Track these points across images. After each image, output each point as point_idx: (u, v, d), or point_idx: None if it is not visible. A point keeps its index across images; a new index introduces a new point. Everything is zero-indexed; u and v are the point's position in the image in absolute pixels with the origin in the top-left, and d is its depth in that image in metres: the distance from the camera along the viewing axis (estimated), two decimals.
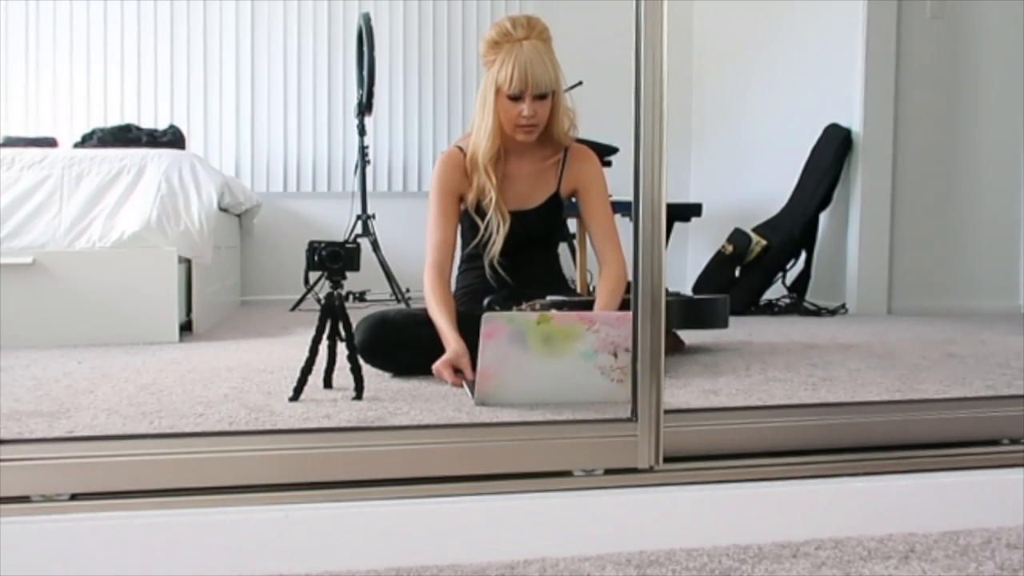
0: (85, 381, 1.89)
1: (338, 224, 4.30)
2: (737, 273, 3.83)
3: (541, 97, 1.99)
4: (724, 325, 2.27)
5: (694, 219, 4.10)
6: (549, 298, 1.95)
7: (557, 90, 2.03)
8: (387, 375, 1.92)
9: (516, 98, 1.98)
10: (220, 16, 4.57)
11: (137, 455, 1.10)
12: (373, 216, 4.13)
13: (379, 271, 3.98)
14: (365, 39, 3.95)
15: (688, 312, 2.27)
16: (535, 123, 2.01)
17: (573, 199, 2.31)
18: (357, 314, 1.87)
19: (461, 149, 2.10)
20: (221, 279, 3.48)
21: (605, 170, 2.31)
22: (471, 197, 2.08)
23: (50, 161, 2.83)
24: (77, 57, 4.44)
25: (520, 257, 2.15)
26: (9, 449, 1.09)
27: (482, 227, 2.07)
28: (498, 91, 1.99)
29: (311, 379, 1.65)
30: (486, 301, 2.00)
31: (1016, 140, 3.83)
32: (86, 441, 1.23)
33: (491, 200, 2.05)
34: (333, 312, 1.69)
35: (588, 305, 1.94)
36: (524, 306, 1.86)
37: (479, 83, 5.37)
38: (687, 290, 4.02)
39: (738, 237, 3.87)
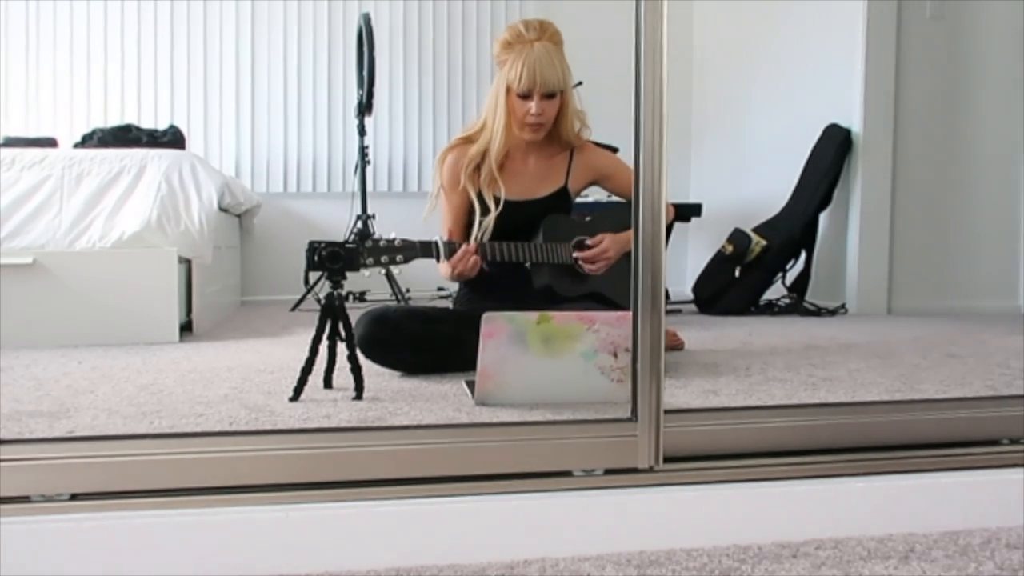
0: (85, 381, 1.89)
1: (338, 224, 4.30)
2: (737, 273, 3.83)
3: (549, 96, 2.07)
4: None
5: (694, 219, 4.10)
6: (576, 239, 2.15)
7: (565, 90, 2.11)
8: (388, 374, 1.92)
9: (525, 96, 2.05)
10: (220, 16, 4.57)
11: (137, 455, 1.10)
12: (373, 216, 4.12)
13: (379, 271, 3.97)
14: (365, 39, 3.95)
15: None
16: (542, 121, 2.09)
17: (584, 194, 2.37)
18: (357, 315, 1.87)
19: (466, 142, 2.15)
20: (221, 279, 3.48)
21: None
22: (477, 186, 2.13)
23: (50, 161, 2.83)
24: (77, 57, 4.43)
25: None
26: (9, 449, 1.09)
27: (482, 215, 2.13)
28: (509, 89, 2.06)
29: (311, 379, 1.65)
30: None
31: (1016, 140, 3.82)
32: (86, 441, 1.23)
33: (498, 186, 2.12)
34: (333, 312, 1.70)
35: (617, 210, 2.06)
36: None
37: (480, 83, 5.31)
38: (687, 290, 4.02)
39: (738, 237, 3.86)
